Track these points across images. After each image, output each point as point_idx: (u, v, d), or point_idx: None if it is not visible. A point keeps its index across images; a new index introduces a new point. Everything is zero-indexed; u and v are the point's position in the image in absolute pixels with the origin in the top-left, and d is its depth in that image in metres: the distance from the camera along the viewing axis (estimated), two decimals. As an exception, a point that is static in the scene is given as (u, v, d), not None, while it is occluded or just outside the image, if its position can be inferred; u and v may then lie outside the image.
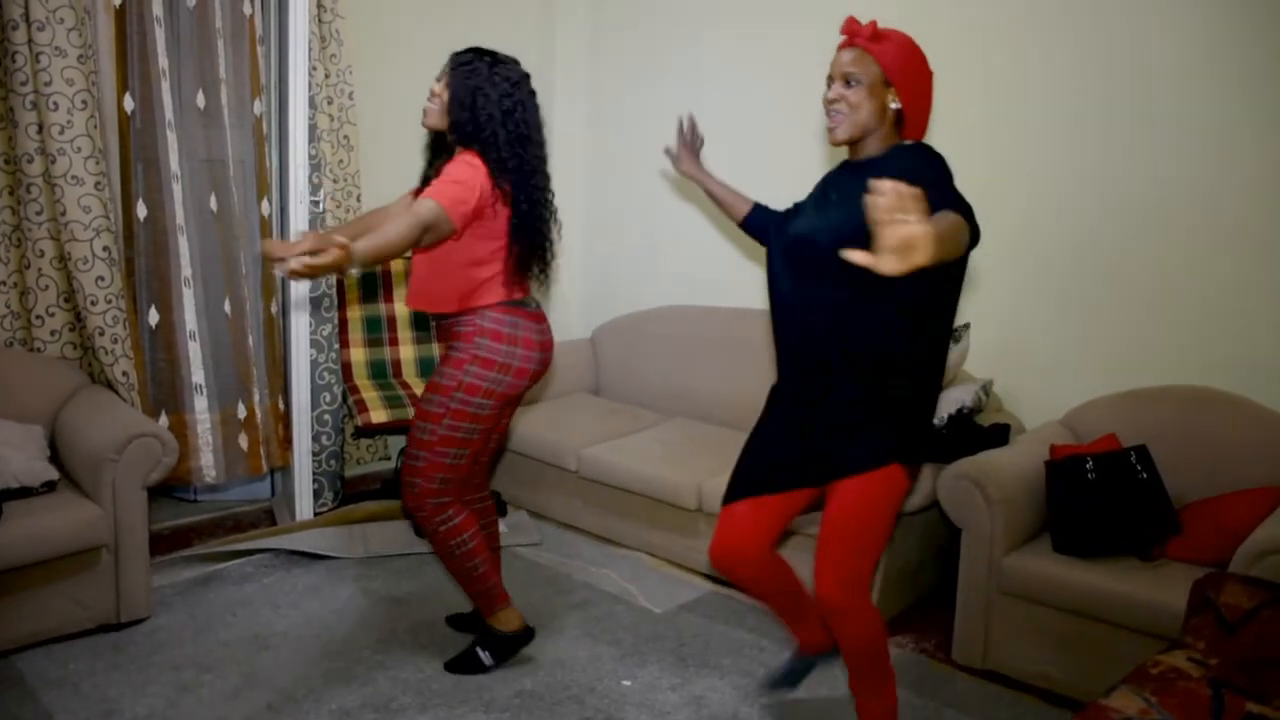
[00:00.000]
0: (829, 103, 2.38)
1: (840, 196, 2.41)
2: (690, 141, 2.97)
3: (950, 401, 3.37)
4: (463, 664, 3.09)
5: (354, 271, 2.54)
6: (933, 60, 2.39)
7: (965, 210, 2.26)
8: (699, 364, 4.46)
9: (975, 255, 3.23)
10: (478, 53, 2.85)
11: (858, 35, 2.34)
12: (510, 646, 3.12)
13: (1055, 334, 3.65)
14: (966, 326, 3.53)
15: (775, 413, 2.59)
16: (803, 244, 2.43)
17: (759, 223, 2.81)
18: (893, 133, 2.40)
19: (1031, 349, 3.71)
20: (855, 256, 1.86)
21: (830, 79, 2.38)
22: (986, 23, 3.71)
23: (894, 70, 2.32)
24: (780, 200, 2.71)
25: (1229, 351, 3.29)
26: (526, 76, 2.89)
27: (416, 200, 2.73)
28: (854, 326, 2.33)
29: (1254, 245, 3.23)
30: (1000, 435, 3.34)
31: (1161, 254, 3.40)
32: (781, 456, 2.53)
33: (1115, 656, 2.78)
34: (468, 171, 2.75)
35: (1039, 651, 3.01)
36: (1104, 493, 3.00)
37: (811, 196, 2.55)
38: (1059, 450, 3.20)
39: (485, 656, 3.09)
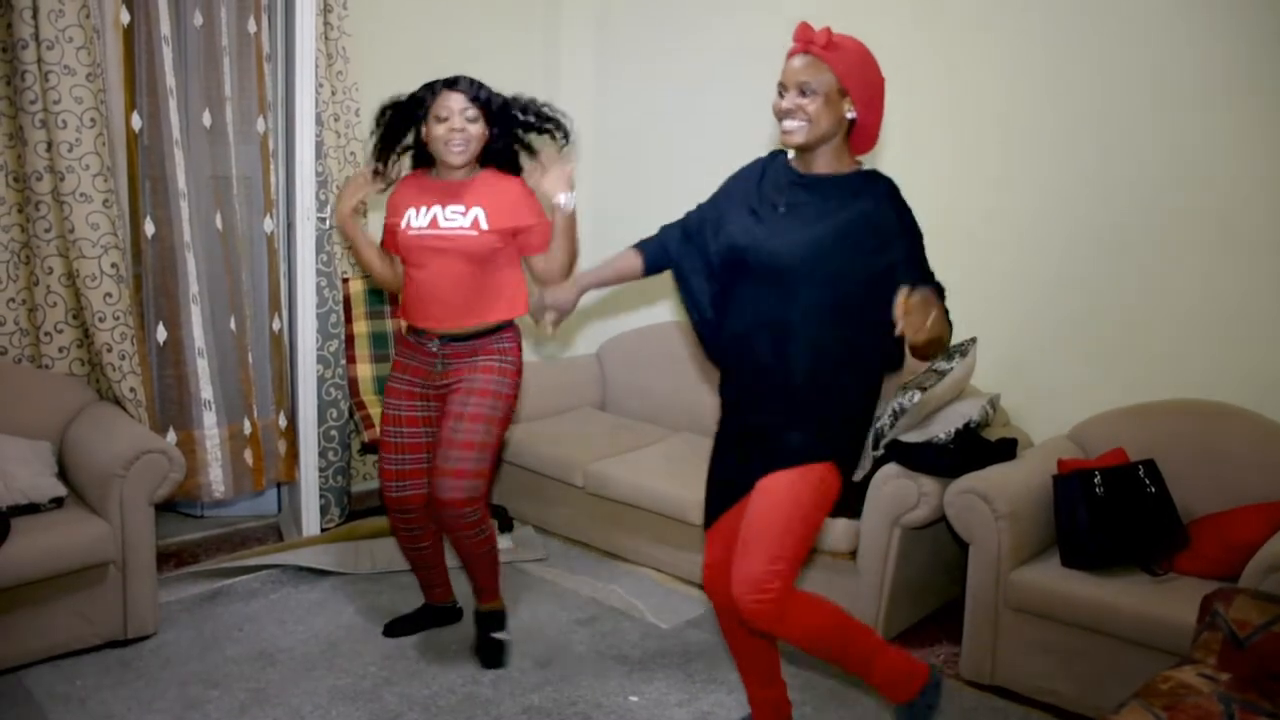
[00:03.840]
0: (785, 112, 2.35)
1: (794, 211, 2.39)
2: (558, 307, 2.71)
3: (957, 416, 3.37)
4: (496, 653, 3.21)
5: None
6: (925, 75, 2.38)
7: (940, 292, 2.34)
8: (705, 379, 4.45)
9: (979, 266, 3.25)
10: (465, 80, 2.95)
11: (811, 43, 2.31)
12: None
13: (1062, 348, 3.64)
14: (973, 341, 3.52)
15: (722, 427, 2.60)
16: (752, 256, 2.40)
17: (659, 259, 2.68)
18: (845, 142, 2.39)
19: (1038, 363, 3.70)
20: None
21: (783, 86, 2.36)
22: (983, 36, 3.71)
23: (849, 79, 2.31)
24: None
25: (1238, 365, 3.28)
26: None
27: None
28: (802, 336, 2.35)
29: (1263, 258, 3.22)
30: (1007, 450, 3.33)
31: (1169, 267, 3.39)
32: (731, 465, 2.55)
33: (1124, 672, 2.77)
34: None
35: (1047, 667, 2.99)
36: (1112, 507, 3.00)
37: (751, 197, 2.50)
38: (1066, 464, 3.20)
39: (505, 635, 3.27)
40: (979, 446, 3.33)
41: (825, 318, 2.34)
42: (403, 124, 3.01)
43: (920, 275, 2.31)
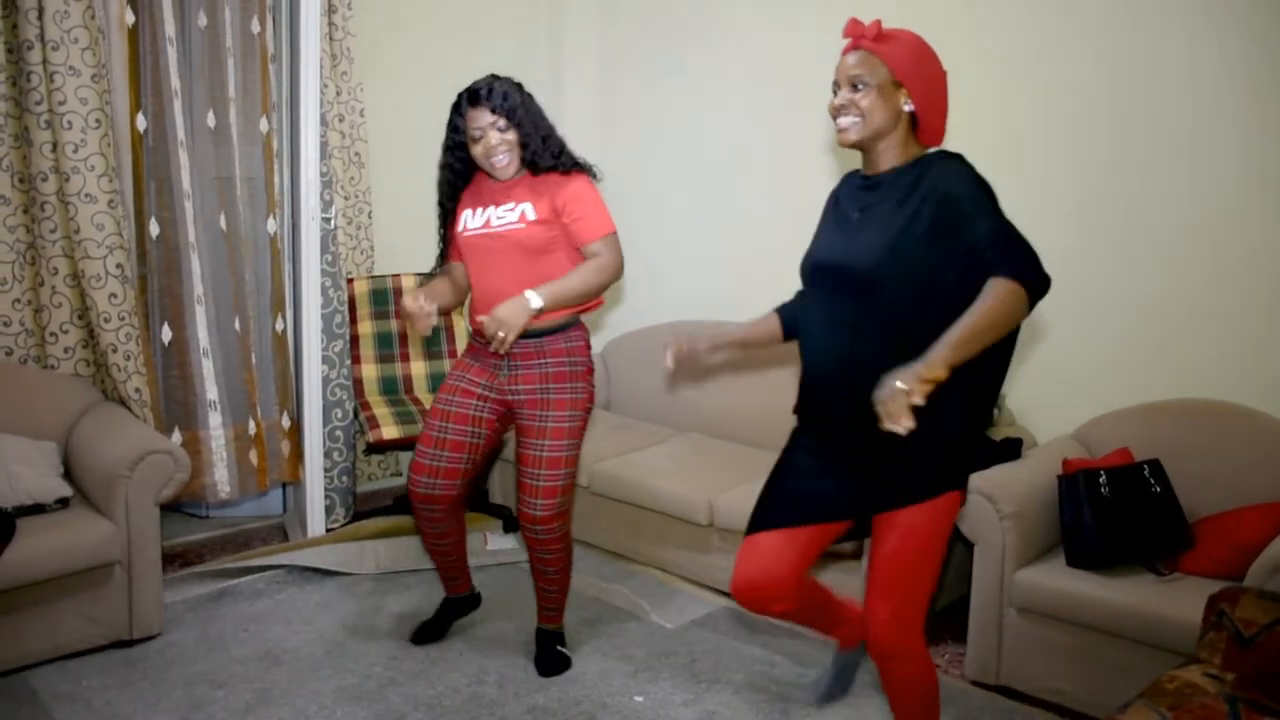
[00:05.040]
0: (837, 109, 2.25)
1: (867, 215, 2.27)
2: (692, 352, 2.66)
3: (962, 416, 3.36)
4: (559, 664, 3.21)
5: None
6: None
7: (1020, 252, 2.12)
8: (710, 379, 4.46)
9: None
10: (500, 80, 2.95)
11: (862, 37, 2.23)
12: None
13: (1067, 347, 3.64)
14: (978, 340, 3.52)
15: (811, 442, 2.40)
16: (835, 270, 2.28)
17: (792, 322, 2.56)
18: (909, 138, 2.27)
19: (1043, 363, 3.69)
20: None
21: (836, 84, 2.27)
22: (1002, 36, 3.71)
23: (903, 70, 2.21)
24: (786, 209, 2.61)
25: (1243, 365, 3.27)
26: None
27: (598, 240, 2.93)
28: (900, 353, 2.11)
29: (1268, 258, 3.21)
30: (1012, 450, 3.32)
31: (1174, 267, 3.38)
32: (825, 487, 2.35)
33: (1130, 672, 2.76)
34: (597, 192, 3.00)
35: (1052, 667, 2.99)
36: (1117, 507, 2.99)
37: (829, 216, 2.42)
38: (1072, 464, 3.19)
39: (567, 651, 3.27)
40: (984, 446, 3.32)
41: (920, 325, 2.11)
42: (461, 156, 2.99)
43: (996, 247, 2.11)
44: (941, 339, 1.99)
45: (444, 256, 3.17)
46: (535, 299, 2.79)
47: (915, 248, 2.17)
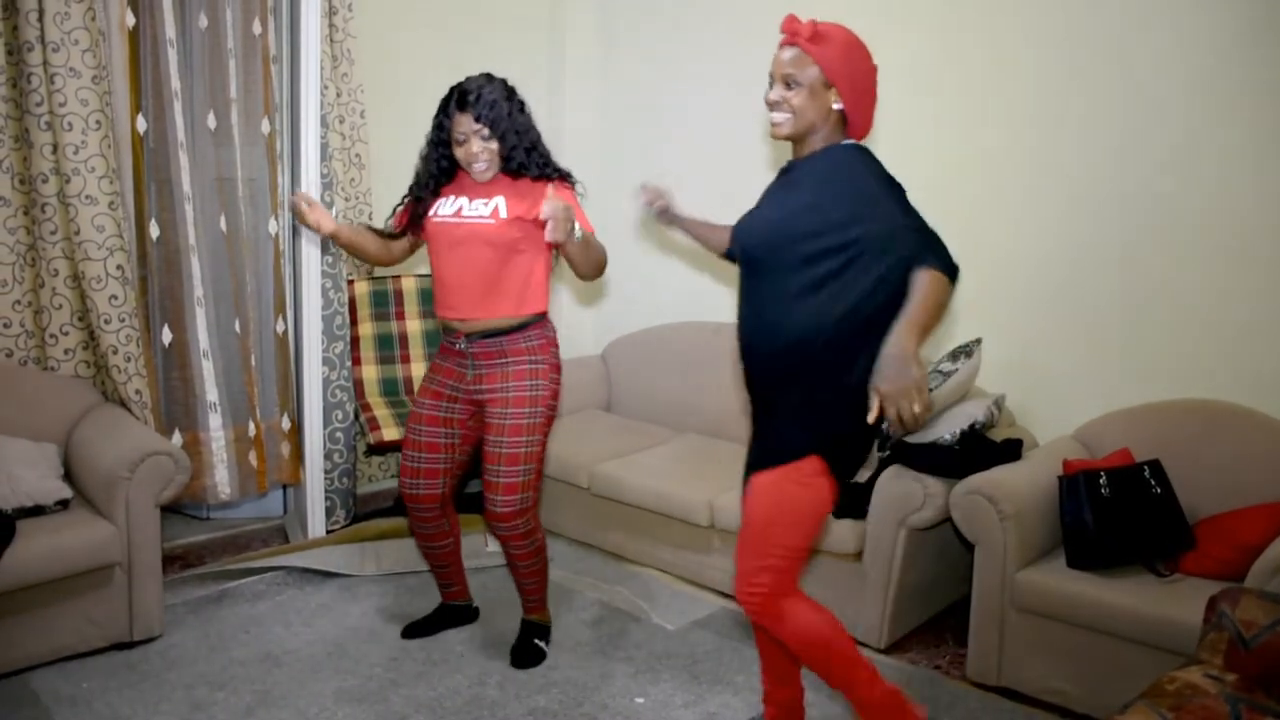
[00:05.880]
0: (771, 104, 2.38)
1: (774, 195, 2.47)
2: (662, 198, 2.95)
3: (962, 417, 3.36)
4: (530, 657, 3.23)
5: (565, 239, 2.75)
6: (923, 73, 2.37)
7: (937, 244, 2.24)
8: (711, 380, 4.45)
9: (987, 268, 3.21)
10: (491, 84, 2.95)
11: (797, 35, 2.33)
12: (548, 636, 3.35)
13: (1067, 348, 3.64)
14: (978, 342, 3.52)
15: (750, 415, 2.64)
16: (738, 244, 2.50)
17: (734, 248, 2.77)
18: (837, 132, 2.39)
19: (1044, 363, 3.70)
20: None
21: (771, 78, 2.39)
22: (998, 36, 3.71)
23: (834, 71, 2.32)
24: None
25: (1244, 365, 3.27)
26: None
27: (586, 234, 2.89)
28: (779, 322, 2.34)
29: (1267, 258, 3.22)
30: (1013, 450, 3.33)
31: (1175, 267, 3.39)
32: (750, 454, 2.59)
33: (1131, 673, 2.76)
34: (575, 196, 3.03)
35: (1053, 668, 2.99)
36: (1118, 507, 2.99)
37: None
38: (1072, 465, 3.19)
39: (545, 646, 3.28)
40: (984, 447, 3.32)
41: (796, 303, 2.30)
42: (444, 151, 3.02)
43: (916, 241, 2.22)
44: (900, 323, 2.13)
45: (396, 220, 3.19)
46: (579, 229, 2.78)
47: (801, 225, 2.30)
